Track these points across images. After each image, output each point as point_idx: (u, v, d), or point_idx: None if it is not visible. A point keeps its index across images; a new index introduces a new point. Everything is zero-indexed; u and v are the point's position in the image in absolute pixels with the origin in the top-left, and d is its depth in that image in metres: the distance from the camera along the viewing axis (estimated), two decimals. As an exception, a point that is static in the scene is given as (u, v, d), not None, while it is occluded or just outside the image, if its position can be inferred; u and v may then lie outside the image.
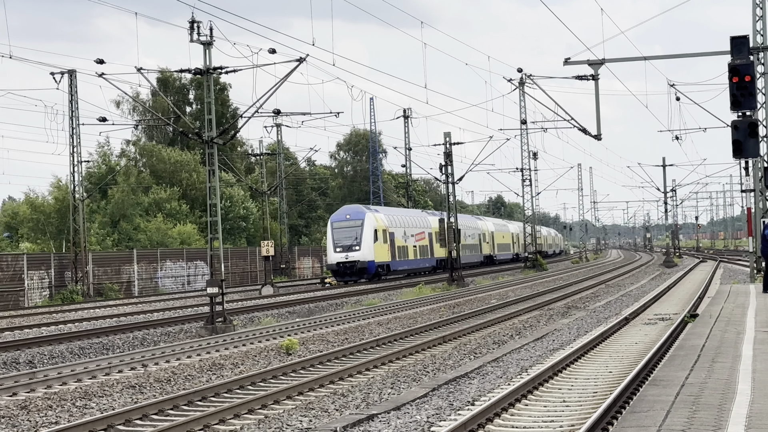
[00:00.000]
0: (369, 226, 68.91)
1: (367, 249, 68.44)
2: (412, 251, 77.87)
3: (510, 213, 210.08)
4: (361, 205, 75.22)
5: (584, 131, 43.34)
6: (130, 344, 31.71)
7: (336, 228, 69.39)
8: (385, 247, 71.17)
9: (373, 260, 68.75)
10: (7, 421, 17.16)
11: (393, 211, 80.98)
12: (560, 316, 35.65)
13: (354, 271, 68.08)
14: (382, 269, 70.80)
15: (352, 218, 69.36)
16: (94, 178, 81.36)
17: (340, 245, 68.65)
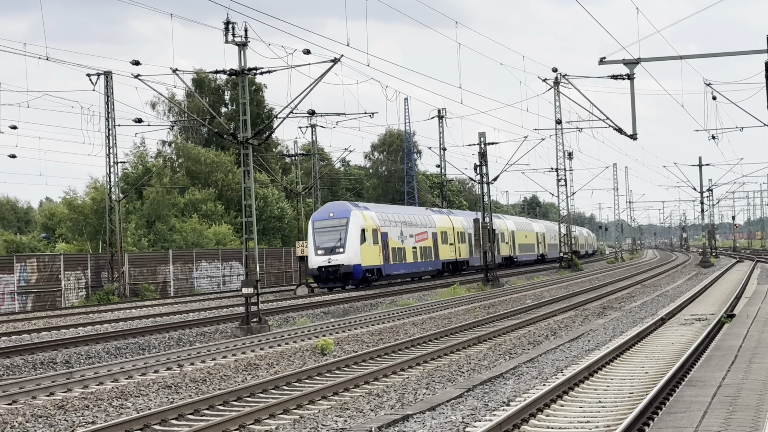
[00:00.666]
0: (355, 226, 61.55)
1: (352, 251, 60.97)
2: (411, 253, 70.33)
3: (545, 213, 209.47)
4: (346, 202, 68.46)
5: (620, 131, 43.16)
6: (166, 344, 31.83)
7: (317, 228, 62.16)
8: (376, 248, 63.72)
9: (360, 264, 61.24)
10: (44, 421, 17.27)
11: (388, 208, 73.38)
12: (596, 317, 35.50)
13: (337, 276, 60.74)
14: (371, 274, 63.24)
15: (336, 217, 61.94)
16: (130, 179, 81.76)
17: (321, 247, 61.36)
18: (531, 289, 56.00)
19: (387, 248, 65.29)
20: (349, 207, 63.62)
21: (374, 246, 63.29)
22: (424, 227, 73.31)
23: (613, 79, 40.61)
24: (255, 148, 41.09)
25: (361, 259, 61.28)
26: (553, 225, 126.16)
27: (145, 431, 16.05)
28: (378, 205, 76.69)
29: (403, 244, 68.36)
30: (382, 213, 67.39)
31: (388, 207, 75.90)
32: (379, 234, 64.12)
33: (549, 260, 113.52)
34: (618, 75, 40.17)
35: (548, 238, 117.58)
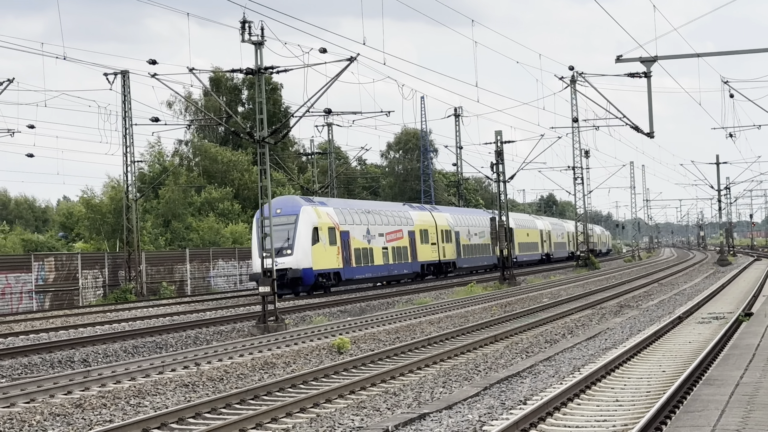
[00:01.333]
0: (306, 224, 54.23)
1: (301, 253, 53.30)
2: (381, 255, 62.35)
3: (562, 211, 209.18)
4: (299, 197, 59.93)
5: (636, 129, 43.10)
6: (183, 343, 31.90)
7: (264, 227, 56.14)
8: (333, 250, 56.15)
9: (311, 267, 53.49)
10: (62, 420, 17.32)
11: (351, 204, 65.16)
12: (613, 315, 35.44)
13: (285, 282, 52.08)
14: (326, 279, 55.57)
15: (284, 213, 54.08)
16: (146, 178, 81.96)
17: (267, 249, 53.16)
18: (548, 288, 55.93)
19: (348, 249, 58.01)
20: (300, 202, 56.22)
21: (331, 247, 56.05)
22: (397, 225, 65.77)
23: (630, 77, 40.55)
24: (271, 147, 41.16)
25: (313, 262, 53.77)
26: (561, 222, 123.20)
27: (163, 430, 16.09)
28: (340, 200, 69.77)
29: (370, 244, 61.12)
30: (343, 209, 60.01)
31: (352, 202, 68.06)
32: (337, 233, 57.12)
33: (555, 260, 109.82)
34: (635, 73, 40.10)
35: (555, 236, 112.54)
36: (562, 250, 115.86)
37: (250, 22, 35.95)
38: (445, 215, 76.44)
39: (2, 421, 17.28)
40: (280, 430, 15.75)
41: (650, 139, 41.51)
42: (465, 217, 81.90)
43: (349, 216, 59.26)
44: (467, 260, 79.27)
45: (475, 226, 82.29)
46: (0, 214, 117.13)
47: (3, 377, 24.84)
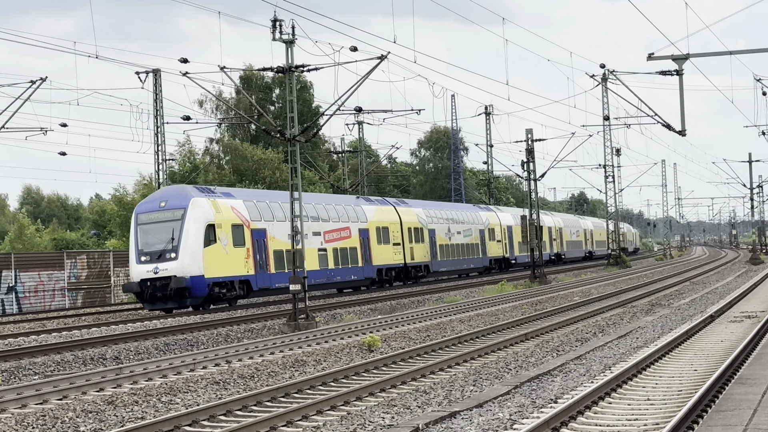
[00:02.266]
0: (196, 220, 43.70)
1: (189, 257, 43.00)
2: (316, 258, 51.53)
3: (593, 210, 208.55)
4: (191, 186, 47.54)
5: (668, 127, 42.95)
6: (214, 340, 32.00)
7: (143, 224, 44.05)
8: (239, 253, 45.69)
9: (202, 275, 43.09)
10: (94, 416, 17.42)
11: (271, 195, 52.58)
12: (644, 314, 35.31)
13: (168, 294, 42.62)
14: (227, 289, 45.00)
15: (169, 207, 43.89)
16: (177, 176, 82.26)
17: (146, 252, 43.27)
18: (578, 286, 55.77)
19: (264, 251, 47.23)
20: (190, 193, 44.99)
21: (236, 249, 45.42)
22: (343, 222, 55.17)
23: (662, 75, 40.40)
24: (302, 145, 41.23)
25: (206, 268, 43.30)
26: (576, 219, 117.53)
27: (194, 427, 16.15)
28: (254, 191, 58.04)
29: None
30: (258, 202, 49.01)
31: (272, 193, 54.78)
32: (246, 232, 46.41)
33: (569, 260, 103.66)
34: (667, 71, 39.96)
35: (568, 234, 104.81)
36: (577, 249, 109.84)
37: (281, 21, 36.03)
38: (414, 210, 65.96)
39: (35, 417, 17.40)
40: (311, 427, 15.78)
41: (682, 137, 41.36)
42: (444, 213, 71.38)
43: (266, 211, 48.53)
44: (447, 263, 68.93)
45: (459, 223, 72.17)
46: (33, 212, 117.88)
47: (36, 374, 25.01)
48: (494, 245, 78.44)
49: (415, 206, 67.25)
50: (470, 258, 73.12)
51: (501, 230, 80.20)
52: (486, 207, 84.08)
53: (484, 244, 76.23)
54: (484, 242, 76.17)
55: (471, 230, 73.43)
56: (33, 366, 25.96)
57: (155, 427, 15.52)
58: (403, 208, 64.46)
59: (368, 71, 36.66)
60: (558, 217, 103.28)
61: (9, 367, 25.41)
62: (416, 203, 70.36)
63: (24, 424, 16.86)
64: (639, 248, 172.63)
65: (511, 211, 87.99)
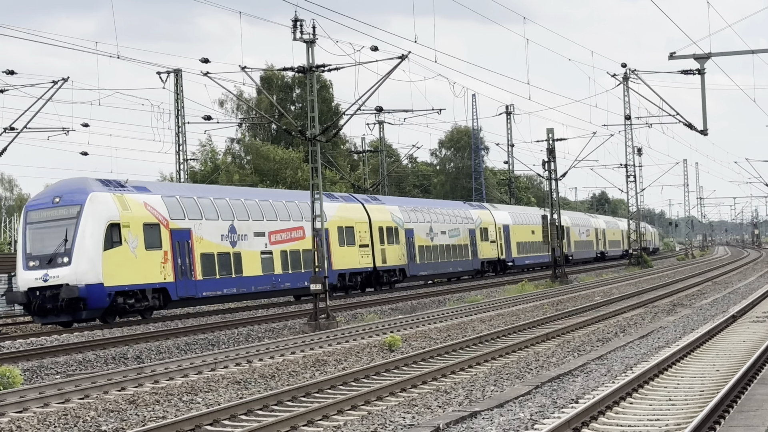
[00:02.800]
0: (94, 218, 37.85)
1: (85, 261, 37.19)
2: (259, 262, 45.38)
3: (614, 209, 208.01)
4: (93, 179, 40.13)
5: (690, 126, 42.81)
6: (235, 340, 32.06)
7: (33, 223, 38.40)
8: (152, 256, 39.58)
9: (101, 282, 37.20)
10: (115, 416, 17.47)
11: (195, 189, 46.15)
12: (665, 314, 35.20)
13: (60, 305, 36.55)
14: (137, 299, 39.11)
15: (63, 203, 38.15)
16: (198, 176, 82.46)
17: (35, 256, 37.73)
18: (600, 286, 55.65)
19: (188, 255, 41.11)
20: (89, 187, 38.79)
21: (148, 252, 39.47)
22: (296, 221, 48.49)
23: (684, 74, 40.28)
24: (323, 145, 41.27)
25: (106, 275, 37.37)
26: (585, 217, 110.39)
27: (215, 426, 16.18)
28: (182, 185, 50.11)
29: (236, 247, 44.18)
30: (183, 198, 42.36)
31: (204, 188, 49.02)
32: (164, 232, 40.24)
33: (578, 261, 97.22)
34: (689, 70, 39.84)
35: (576, 233, 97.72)
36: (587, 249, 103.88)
37: (301, 21, 36.08)
38: (388, 208, 59.44)
39: (57, 416, 17.47)
40: (332, 427, 15.79)
41: (704, 136, 41.22)
42: (425, 211, 65.13)
43: (192, 208, 42.26)
44: (428, 266, 62.69)
45: (443, 222, 65.96)
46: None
47: (58, 373, 25.10)
48: (487, 246, 72.45)
49: (390, 203, 60.86)
50: (457, 260, 66.84)
51: (496, 230, 74.39)
52: (479, 205, 78.63)
53: (475, 245, 69.99)
54: (474, 243, 69.86)
55: (458, 230, 67.55)
56: (55, 365, 26.07)
57: (176, 426, 15.55)
58: (374, 205, 58.21)
59: (389, 71, 36.69)
60: (565, 215, 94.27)
61: (31, 366, 25.52)
62: (391, 200, 63.78)
63: (46, 423, 16.92)
64: (659, 248, 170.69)
65: (509, 209, 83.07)
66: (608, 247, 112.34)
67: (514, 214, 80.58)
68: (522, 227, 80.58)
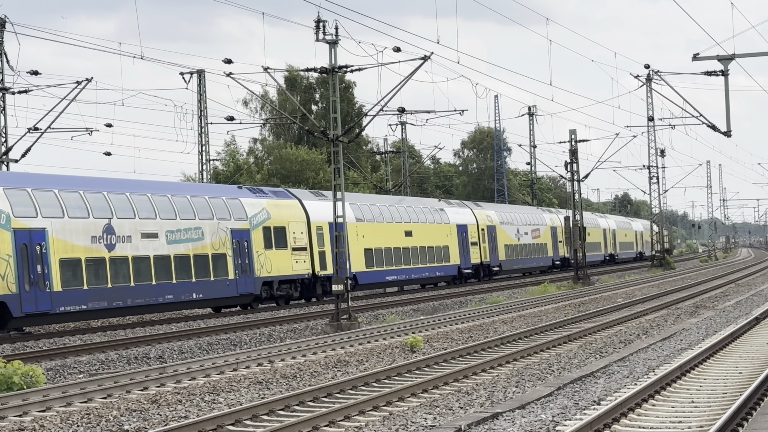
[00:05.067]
0: None
1: None
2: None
3: (637, 211, 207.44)
4: None
5: (713, 128, 42.68)
6: (257, 340, 32.11)
7: None
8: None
9: None
10: (138, 415, 17.52)
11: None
12: (688, 316, 35.08)
13: None
14: None
15: None
16: (221, 177, 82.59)
17: None
18: (622, 288, 55.48)
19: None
20: None
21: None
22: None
23: (707, 75, 40.15)
24: (345, 146, 41.28)
25: None
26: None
27: (237, 426, 16.21)
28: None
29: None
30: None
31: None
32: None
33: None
34: (712, 71, 39.70)
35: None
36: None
37: (324, 21, 36.11)
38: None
39: (80, 416, 17.53)
40: (353, 428, 15.80)
41: (727, 138, 41.09)
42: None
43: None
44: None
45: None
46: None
47: (81, 373, 25.20)
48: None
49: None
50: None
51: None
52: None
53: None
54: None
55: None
56: (78, 365, 26.17)
57: (198, 426, 15.59)
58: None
59: (411, 72, 36.66)
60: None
61: (54, 366, 25.62)
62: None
63: (69, 422, 16.99)
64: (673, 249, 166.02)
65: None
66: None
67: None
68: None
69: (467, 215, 66.79)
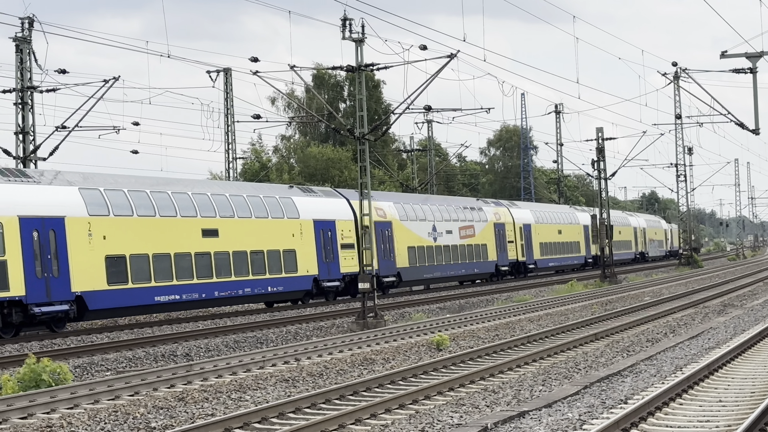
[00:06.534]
0: None
1: None
2: None
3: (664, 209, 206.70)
4: None
5: (741, 125, 42.45)
6: (284, 338, 32.15)
7: None
8: None
9: None
10: (165, 413, 17.57)
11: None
12: (716, 314, 34.92)
13: None
14: None
15: None
16: (248, 174, 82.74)
17: None
18: (649, 286, 55.29)
19: None
20: None
21: None
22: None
23: (735, 73, 39.95)
24: (372, 144, 41.30)
25: None
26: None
27: (263, 424, 16.24)
28: None
29: None
30: None
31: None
32: None
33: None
34: (740, 69, 39.51)
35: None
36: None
37: (350, 20, 36.12)
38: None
39: (107, 413, 17.60)
40: (379, 426, 15.80)
41: (755, 135, 40.87)
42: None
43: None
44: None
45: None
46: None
47: (108, 370, 25.30)
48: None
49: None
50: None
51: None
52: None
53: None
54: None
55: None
56: (105, 362, 26.28)
57: (225, 424, 15.62)
58: None
59: (438, 70, 36.65)
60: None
61: (82, 363, 25.74)
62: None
63: (96, 419, 17.05)
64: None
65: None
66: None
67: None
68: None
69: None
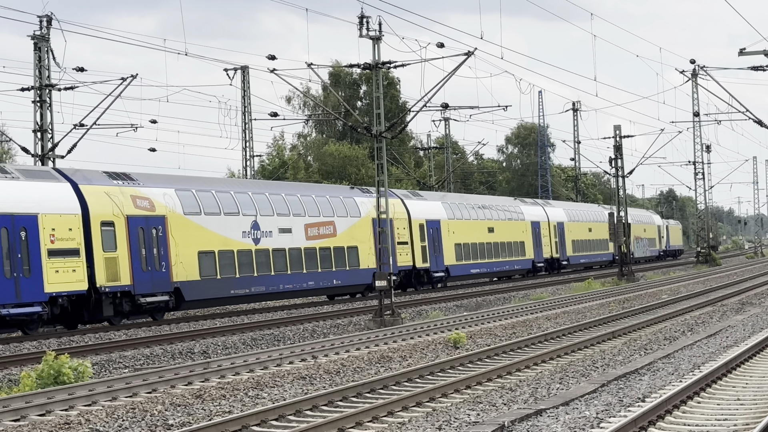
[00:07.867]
0: None
1: None
2: None
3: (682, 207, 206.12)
4: None
5: (760, 123, 42.33)
6: (301, 336, 32.19)
7: None
8: None
9: None
10: (182, 410, 17.61)
11: None
12: (734, 313, 34.81)
13: None
14: None
15: None
16: (266, 172, 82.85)
17: None
18: (667, 284, 55.16)
19: None
20: None
21: None
22: None
23: (754, 70, 39.83)
24: (389, 142, 41.28)
25: None
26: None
27: (281, 421, 16.26)
28: None
29: None
30: None
31: None
32: None
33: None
34: (759, 66, 39.38)
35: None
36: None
37: (368, 17, 36.10)
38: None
39: (125, 410, 17.65)
40: (396, 423, 15.80)
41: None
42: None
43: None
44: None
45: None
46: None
47: (126, 367, 25.37)
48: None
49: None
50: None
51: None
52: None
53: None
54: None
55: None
56: (123, 359, 26.35)
57: (242, 421, 15.65)
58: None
59: (455, 67, 36.60)
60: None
61: (100, 360, 25.82)
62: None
63: (114, 416, 17.10)
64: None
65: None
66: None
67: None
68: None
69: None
